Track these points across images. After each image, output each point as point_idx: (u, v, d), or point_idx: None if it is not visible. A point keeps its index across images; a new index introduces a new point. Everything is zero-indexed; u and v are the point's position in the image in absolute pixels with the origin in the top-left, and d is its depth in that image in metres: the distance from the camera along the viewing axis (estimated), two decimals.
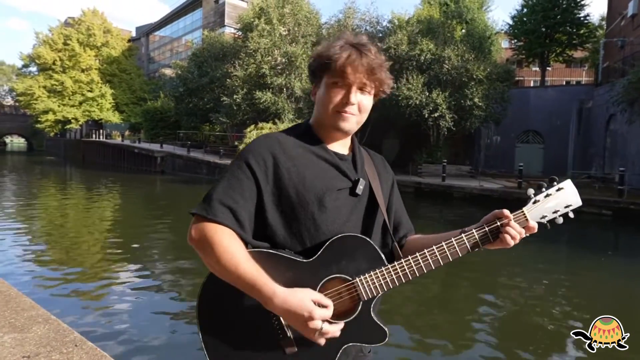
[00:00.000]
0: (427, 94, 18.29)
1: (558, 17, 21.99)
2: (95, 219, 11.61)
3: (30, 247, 8.01)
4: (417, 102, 18.16)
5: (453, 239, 1.06)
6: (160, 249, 8.45)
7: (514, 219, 1.05)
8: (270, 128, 19.49)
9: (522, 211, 1.06)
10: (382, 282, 1.03)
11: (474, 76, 18.03)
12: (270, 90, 21.47)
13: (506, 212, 1.05)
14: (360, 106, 1.10)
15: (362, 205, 1.13)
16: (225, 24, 37.68)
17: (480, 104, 18.02)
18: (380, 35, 22.15)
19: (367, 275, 1.02)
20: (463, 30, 21.43)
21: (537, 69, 28.20)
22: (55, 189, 18.25)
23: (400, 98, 18.23)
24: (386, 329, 1.06)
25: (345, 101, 1.07)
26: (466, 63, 18.23)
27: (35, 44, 44.84)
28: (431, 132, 20.06)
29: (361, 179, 1.12)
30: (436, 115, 18.34)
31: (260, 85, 21.92)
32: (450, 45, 18.75)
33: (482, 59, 18.87)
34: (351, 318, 1.03)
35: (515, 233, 1.04)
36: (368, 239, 1.05)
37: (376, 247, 1.05)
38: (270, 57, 21.80)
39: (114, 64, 43.50)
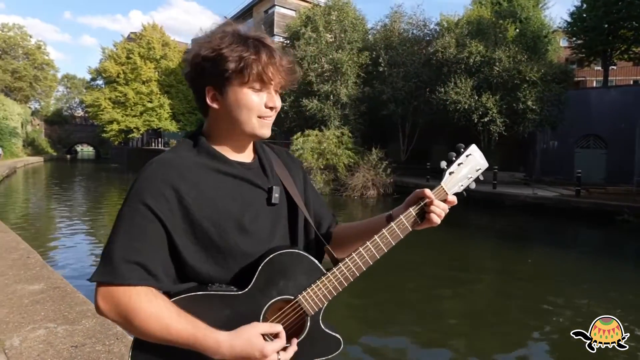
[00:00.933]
0: (477, 97, 17.69)
1: (622, 11, 20.43)
2: None
3: (93, 249, 8.67)
4: (466, 107, 17.62)
5: (384, 230, 1.00)
6: None
7: (435, 196, 1.02)
8: (316, 135, 19.74)
9: (441, 186, 1.03)
10: (324, 292, 0.98)
11: (527, 78, 17.20)
12: (317, 97, 21.75)
13: (427, 191, 1.02)
14: (277, 109, 1.01)
15: (283, 213, 1.05)
16: (275, 33, 38.60)
17: (534, 107, 17.14)
18: (428, 38, 21.77)
19: (308, 289, 0.97)
20: (516, 30, 20.54)
21: (600, 68, 26.35)
22: (118, 195, 19.55)
23: (448, 102, 17.79)
24: (339, 336, 1.02)
25: (271, 106, 0.98)
26: (518, 64, 17.44)
27: (101, 58, 48.44)
28: (481, 137, 19.37)
29: (274, 186, 1.02)
30: (486, 119, 17.68)
31: (307, 92, 22.27)
32: (502, 46, 18.02)
33: (536, 60, 17.97)
34: (303, 336, 0.98)
35: (439, 211, 1.02)
36: (300, 251, 0.99)
37: (310, 258, 0.98)
38: (316, 65, 22.09)
39: (171, 75, 45.93)
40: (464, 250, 9.89)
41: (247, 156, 1.05)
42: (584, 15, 22.06)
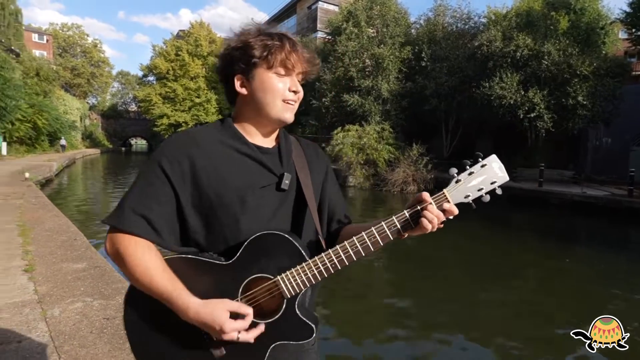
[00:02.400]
0: (523, 92, 17.07)
1: None
2: None
3: None
4: (512, 102, 17.05)
5: (373, 228, 1.00)
6: None
7: (434, 201, 0.99)
8: (356, 130, 19.80)
9: (443, 192, 0.99)
10: (303, 278, 0.99)
11: (578, 72, 16.39)
12: (358, 92, 21.76)
13: (425, 194, 0.99)
14: (300, 95, 1.09)
15: (291, 200, 1.09)
16: (318, 28, 38.82)
17: (584, 102, 16.31)
18: (472, 32, 21.18)
19: (287, 272, 0.99)
20: (569, 22, 19.54)
21: None
22: None
23: (492, 97, 17.29)
24: (312, 325, 1.03)
25: (294, 90, 1.06)
26: (569, 58, 16.64)
27: (152, 55, 50.70)
28: (528, 133, 18.68)
29: (286, 173, 1.07)
30: (532, 115, 17.03)
31: (348, 88, 22.34)
32: (551, 39, 17.25)
33: (589, 53, 17.05)
34: (276, 317, 1.01)
35: (432, 217, 0.97)
36: (288, 235, 1.01)
37: (296, 243, 1.00)
38: (358, 60, 22.09)
39: None
40: (500, 249, 9.70)
41: (268, 142, 1.11)
42: None
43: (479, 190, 0.98)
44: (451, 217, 1.00)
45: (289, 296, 1.00)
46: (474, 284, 6.85)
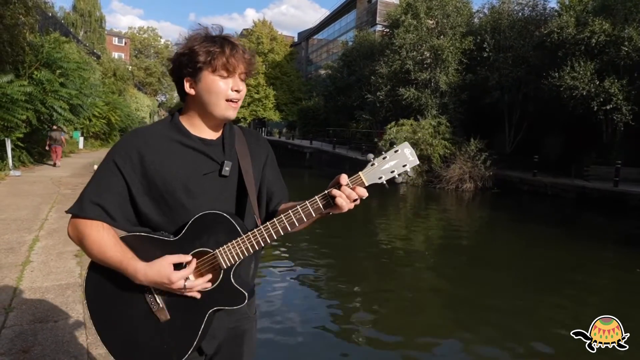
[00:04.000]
0: (598, 82, 15.60)
1: None
2: None
3: None
4: (584, 93, 15.64)
5: (298, 207, 1.12)
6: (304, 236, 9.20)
7: (351, 182, 1.09)
8: (411, 124, 19.28)
9: (359, 174, 1.10)
10: (238, 250, 1.13)
11: None
12: (414, 85, 21.16)
13: (343, 176, 1.09)
14: (242, 93, 1.20)
15: (233, 185, 1.23)
16: (377, 22, 38.29)
17: None
18: (541, 18, 19.69)
19: (224, 246, 1.13)
20: None
21: None
22: None
23: (562, 89, 15.97)
24: (245, 293, 1.16)
25: (236, 89, 1.18)
26: None
27: None
28: (603, 127, 17.08)
29: (227, 160, 1.20)
30: (609, 107, 15.52)
31: (404, 81, 21.79)
32: (633, 22, 15.57)
33: None
34: (215, 285, 1.15)
35: (344, 197, 1.07)
36: (225, 214, 1.14)
37: (232, 221, 1.14)
38: (415, 52, 21.46)
39: (277, 67, 48.41)
40: (566, 252, 8.96)
41: (211, 134, 1.24)
42: None
43: (391, 172, 1.10)
44: (364, 198, 1.09)
45: (225, 267, 1.15)
46: (528, 293, 6.42)
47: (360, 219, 13.02)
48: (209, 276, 1.15)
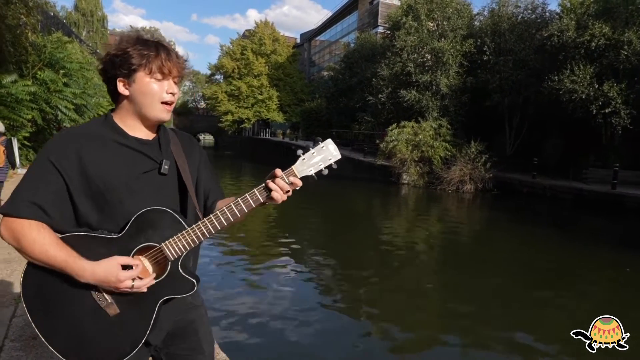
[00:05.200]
0: (597, 86, 15.69)
1: None
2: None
3: None
4: (583, 97, 15.73)
5: (239, 199, 1.18)
6: (306, 236, 9.38)
7: (285, 174, 1.17)
8: (412, 126, 19.38)
9: (291, 168, 1.18)
10: (184, 242, 1.17)
11: None
12: (415, 88, 21.27)
13: (278, 170, 1.17)
14: (177, 96, 1.24)
15: (172, 182, 1.26)
16: (379, 24, 38.41)
17: None
18: (540, 20, 19.77)
19: (170, 240, 1.16)
20: None
21: None
22: (229, 177, 21.47)
23: (562, 92, 16.05)
24: (194, 280, 1.21)
25: (171, 92, 1.21)
26: None
27: (219, 55, 53.05)
28: (602, 130, 17.15)
29: (165, 159, 1.23)
30: (607, 111, 15.59)
31: (405, 83, 21.89)
32: (633, 26, 15.65)
33: None
34: (163, 276, 1.18)
35: (277, 188, 1.15)
36: (168, 209, 1.17)
37: (176, 216, 1.18)
38: (416, 55, 21.56)
39: (280, 69, 48.45)
40: (563, 252, 9.08)
41: (147, 134, 1.26)
42: None
43: (318, 165, 1.19)
44: (297, 189, 1.19)
45: (172, 259, 1.18)
46: (527, 289, 6.56)
47: (362, 217, 13.15)
48: (154, 273, 1.18)
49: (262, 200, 1.18)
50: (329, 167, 1.21)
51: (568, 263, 8.26)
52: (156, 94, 1.19)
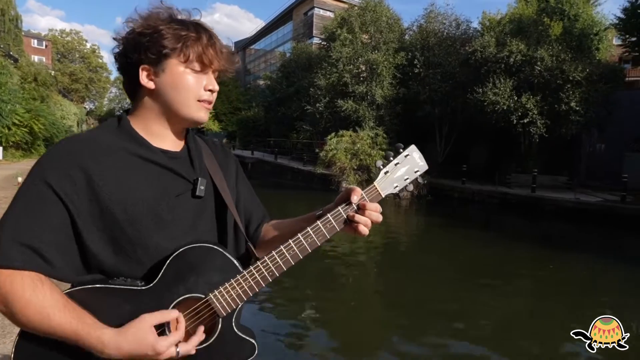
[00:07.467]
0: (516, 98, 17.08)
1: None
2: None
3: None
4: (505, 108, 17.05)
5: (309, 229, 0.93)
6: None
7: (367, 196, 0.96)
8: (350, 135, 19.77)
9: (374, 185, 0.97)
10: (239, 291, 0.89)
11: (571, 78, 16.40)
12: (352, 98, 21.77)
13: (358, 190, 0.94)
14: (215, 95, 0.97)
15: (210, 206, 0.98)
16: (314, 34, 38.95)
17: (577, 108, 16.30)
18: (464, 36, 21.23)
19: (220, 288, 0.89)
20: (563, 28, 19.58)
21: None
22: None
23: (486, 103, 17.28)
24: (254, 342, 0.94)
25: (211, 88, 0.94)
26: (562, 64, 16.64)
27: None
28: (521, 139, 18.67)
29: (200, 178, 0.95)
30: (526, 121, 17.03)
31: (342, 93, 22.35)
32: (544, 45, 17.29)
33: (582, 59, 17.08)
34: (213, 338, 0.89)
35: (365, 220, 0.94)
36: (215, 246, 0.90)
37: (226, 254, 0.90)
38: (352, 66, 22.12)
39: None
40: (488, 255, 9.65)
41: (175, 145, 0.97)
42: (639, 11, 20.70)
43: (405, 180, 0.99)
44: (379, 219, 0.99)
45: (224, 314, 0.90)
46: (464, 289, 6.82)
47: None
48: (202, 329, 0.89)
49: (337, 229, 0.95)
50: (414, 181, 1.00)
51: (498, 262, 8.79)
52: (192, 89, 0.91)
